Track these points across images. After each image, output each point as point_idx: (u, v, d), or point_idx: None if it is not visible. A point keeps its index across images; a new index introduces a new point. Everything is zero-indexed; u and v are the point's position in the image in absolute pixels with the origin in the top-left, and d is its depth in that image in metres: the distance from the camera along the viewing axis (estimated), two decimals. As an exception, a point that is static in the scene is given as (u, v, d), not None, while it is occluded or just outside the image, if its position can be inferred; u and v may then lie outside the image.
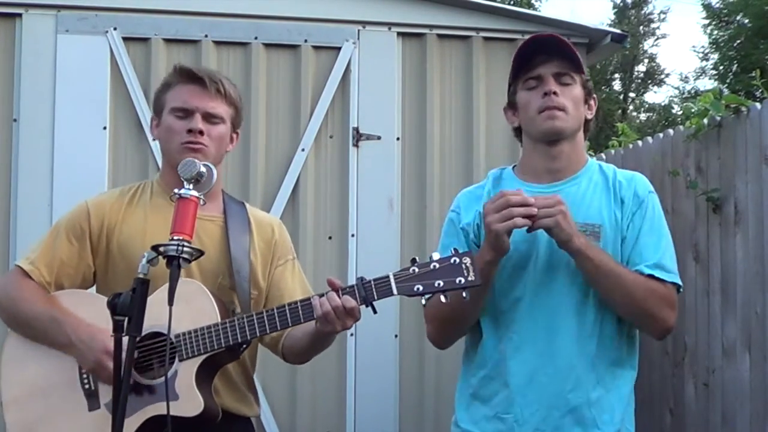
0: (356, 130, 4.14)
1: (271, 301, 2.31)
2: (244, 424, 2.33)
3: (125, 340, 1.85)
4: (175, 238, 1.90)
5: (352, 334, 4.04)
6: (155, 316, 1.92)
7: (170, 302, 1.85)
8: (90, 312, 2.17)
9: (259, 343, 2.40)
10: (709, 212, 3.68)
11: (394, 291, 1.99)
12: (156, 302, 1.91)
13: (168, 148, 2.26)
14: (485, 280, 2.08)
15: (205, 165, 2.01)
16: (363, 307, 2.04)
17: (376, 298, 2.02)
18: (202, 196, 1.99)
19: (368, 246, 4.10)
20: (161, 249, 1.91)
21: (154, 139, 2.34)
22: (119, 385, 1.84)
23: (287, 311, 2.07)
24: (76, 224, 2.26)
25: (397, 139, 4.19)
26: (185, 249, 1.89)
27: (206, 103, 2.23)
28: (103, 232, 2.25)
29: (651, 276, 2.16)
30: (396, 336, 4.10)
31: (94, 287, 2.33)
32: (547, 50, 2.18)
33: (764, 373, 3.29)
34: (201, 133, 2.20)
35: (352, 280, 4.00)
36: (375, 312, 2.04)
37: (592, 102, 2.28)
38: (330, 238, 4.12)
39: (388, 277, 2.00)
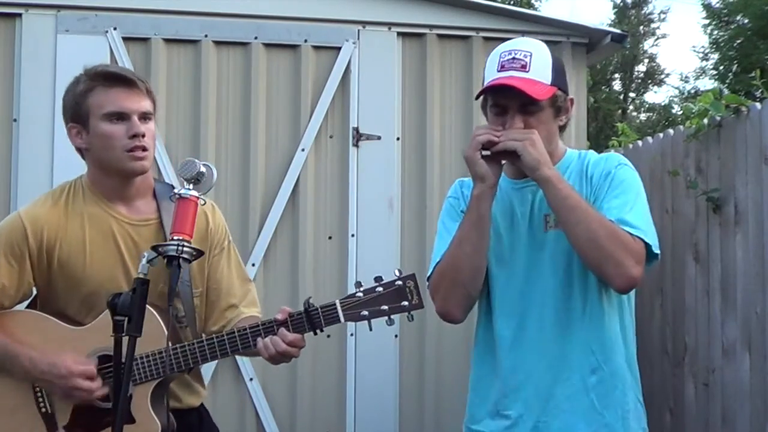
0: (356, 130, 4.14)
1: (210, 294, 2.28)
2: (196, 414, 2.33)
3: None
4: (175, 238, 1.90)
5: (352, 334, 4.04)
6: (107, 338, 1.90)
7: (170, 302, 1.86)
8: (38, 337, 2.14)
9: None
10: (709, 212, 3.68)
11: (341, 319, 2.05)
12: (108, 324, 1.88)
13: (107, 156, 2.16)
14: (481, 215, 2.14)
15: (205, 165, 2.01)
16: (312, 334, 2.08)
17: (323, 325, 2.07)
18: (202, 196, 1.98)
19: (368, 246, 4.10)
20: (161, 249, 1.90)
21: (79, 148, 2.21)
22: (119, 385, 1.84)
23: (237, 338, 2.08)
24: (14, 246, 2.17)
25: (397, 139, 4.19)
26: (185, 249, 1.89)
27: (140, 103, 2.16)
28: (42, 249, 2.17)
29: None
30: (396, 336, 4.10)
31: (36, 298, 2.27)
32: (509, 91, 2.17)
33: (764, 373, 3.29)
34: (143, 135, 2.15)
35: (352, 280, 4.04)
36: (321, 331, 2.10)
37: (568, 105, 2.27)
38: (330, 238, 4.12)
39: (334, 304, 2.05)
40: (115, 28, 3.99)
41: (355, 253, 4.10)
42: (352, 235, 4.12)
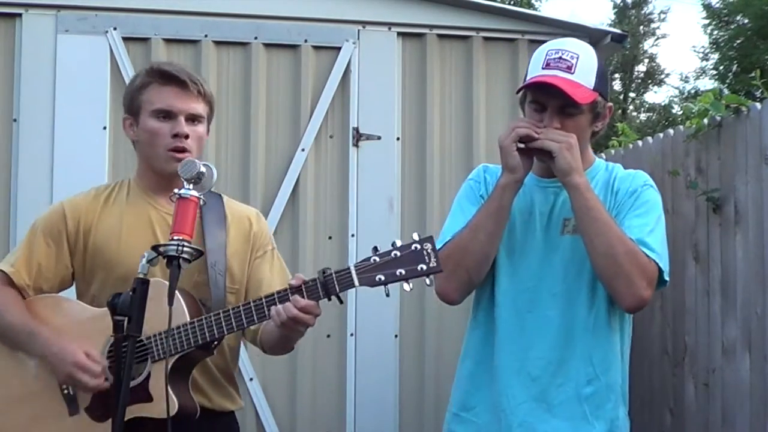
0: (356, 130, 4.14)
1: (251, 294, 2.30)
2: (227, 420, 2.34)
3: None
4: (175, 238, 1.90)
5: (352, 334, 4.04)
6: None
7: (170, 302, 1.86)
8: (62, 319, 2.18)
9: (241, 339, 2.40)
10: (709, 212, 3.68)
11: (356, 282, 1.99)
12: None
13: (151, 152, 2.24)
14: (502, 205, 2.15)
15: (205, 165, 2.02)
16: (326, 301, 2.03)
17: (338, 290, 2.01)
18: (202, 196, 1.99)
19: (368, 246, 4.02)
20: (161, 249, 1.91)
21: (131, 139, 2.32)
22: (119, 384, 1.84)
23: (252, 308, 2.06)
24: (53, 227, 2.25)
25: (397, 139, 4.19)
26: (185, 249, 1.89)
27: (189, 104, 2.22)
28: (79, 233, 2.24)
29: None
30: (396, 336, 4.09)
31: (74, 287, 2.32)
32: (552, 90, 2.15)
33: (764, 373, 3.29)
34: (187, 137, 2.20)
35: (352, 280, 4.03)
36: (341, 302, 2.05)
37: (606, 112, 2.26)
38: (330, 238, 4.12)
39: (349, 269, 2.01)
40: (115, 28, 3.99)
41: (355, 253, 4.09)
42: (352, 235, 4.11)
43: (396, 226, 4.14)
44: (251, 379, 3.96)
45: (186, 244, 1.90)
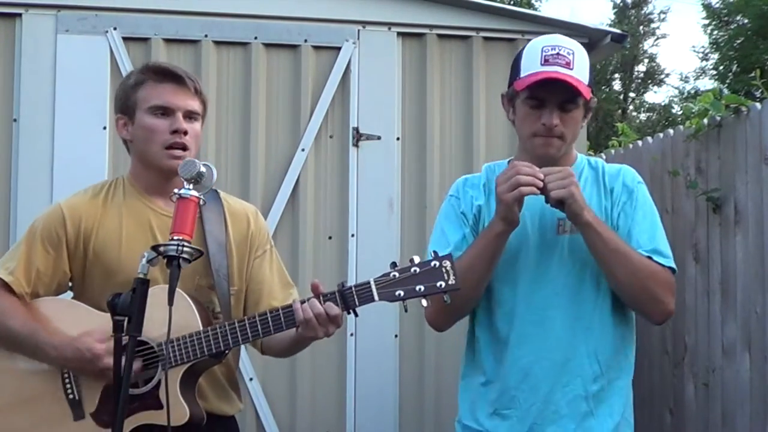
0: (356, 130, 4.14)
1: (251, 295, 2.30)
2: (228, 424, 2.33)
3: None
4: (175, 238, 1.90)
5: (352, 334, 4.04)
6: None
7: (170, 302, 1.85)
8: (66, 321, 2.16)
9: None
10: (709, 212, 3.68)
11: (376, 297, 2.00)
12: None
13: (147, 150, 2.21)
14: (496, 252, 2.13)
15: (205, 165, 2.01)
16: (345, 314, 2.04)
17: (357, 304, 2.02)
18: (202, 196, 1.98)
19: (368, 246, 4.09)
20: (161, 249, 1.90)
21: (124, 139, 2.28)
22: (119, 385, 1.84)
23: (269, 319, 2.06)
24: (52, 232, 2.20)
25: (397, 139, 4.19)
26: (185, 249, 1.89)
27: (187, 101, 2.21)
28: (79, 237, 2.20)
29: (650, 259, 2.17)
30: (396, 336, 4.09)
31: (71, 292, 2.29)
32: (555, 86, 2.14)
33: (764, 373, 3.29)
34: (186, 133, 2.19)
35: (352, 280, 4.03)
36: (356, 315, 2.05)
37: (591, 107, 2.28)
38: (330, 238, 4.12)
39: (369, 283, 2.00)
40: (115, 28, 3.99)
41: (355, 253, 4.10)
42: (352, 235, 4.11)
43: (396, 226, 4.14)
44: (251, 379, 3.96)
45: (186, 244, 1.89)
